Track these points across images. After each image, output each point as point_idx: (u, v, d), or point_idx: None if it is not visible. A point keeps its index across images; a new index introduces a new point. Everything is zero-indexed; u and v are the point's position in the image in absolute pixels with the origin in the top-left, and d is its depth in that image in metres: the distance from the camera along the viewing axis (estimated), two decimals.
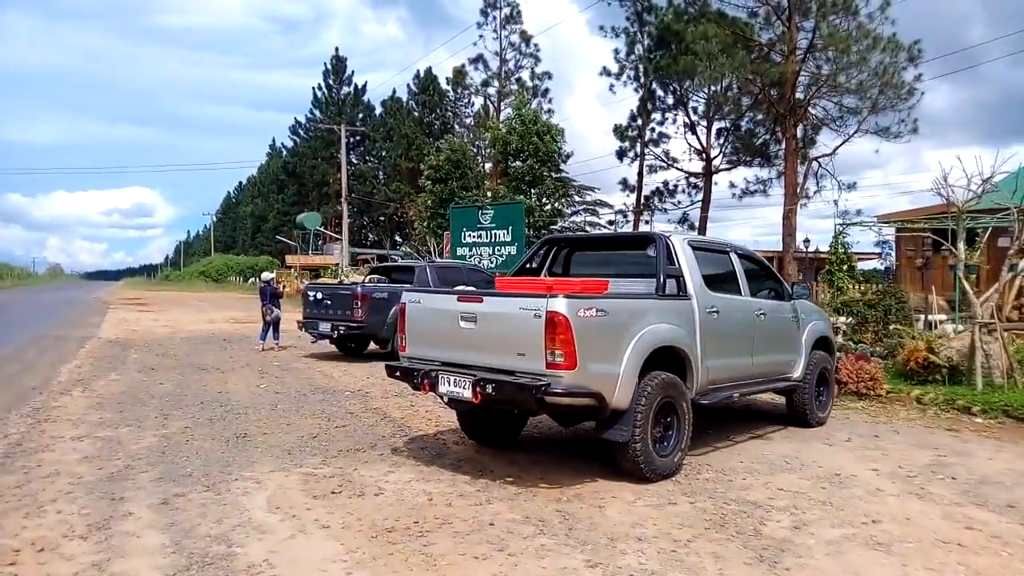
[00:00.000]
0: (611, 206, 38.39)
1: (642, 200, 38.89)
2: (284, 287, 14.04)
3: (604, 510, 4.53)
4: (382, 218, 71.95)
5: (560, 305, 4.53)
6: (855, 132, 25.56)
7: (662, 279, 5.46)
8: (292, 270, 48.20)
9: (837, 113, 26.62)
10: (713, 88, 28.21)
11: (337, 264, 52.66)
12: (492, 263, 19.30)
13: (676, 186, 36.94)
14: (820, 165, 26.34)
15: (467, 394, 4.86)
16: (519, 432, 6.32)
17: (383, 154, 69.27)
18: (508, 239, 19.58)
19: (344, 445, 6.17)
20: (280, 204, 78.77)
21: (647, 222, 39.42)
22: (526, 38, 42.55)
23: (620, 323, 4.89)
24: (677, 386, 5.25)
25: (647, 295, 5.45)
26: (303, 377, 10.33)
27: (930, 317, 12.39)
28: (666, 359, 5.22)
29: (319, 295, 12.38)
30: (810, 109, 26.28)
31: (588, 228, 40.64)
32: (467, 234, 20.61)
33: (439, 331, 5.26)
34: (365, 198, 66.88)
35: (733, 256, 6.41)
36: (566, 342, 4.51)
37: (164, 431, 6.64)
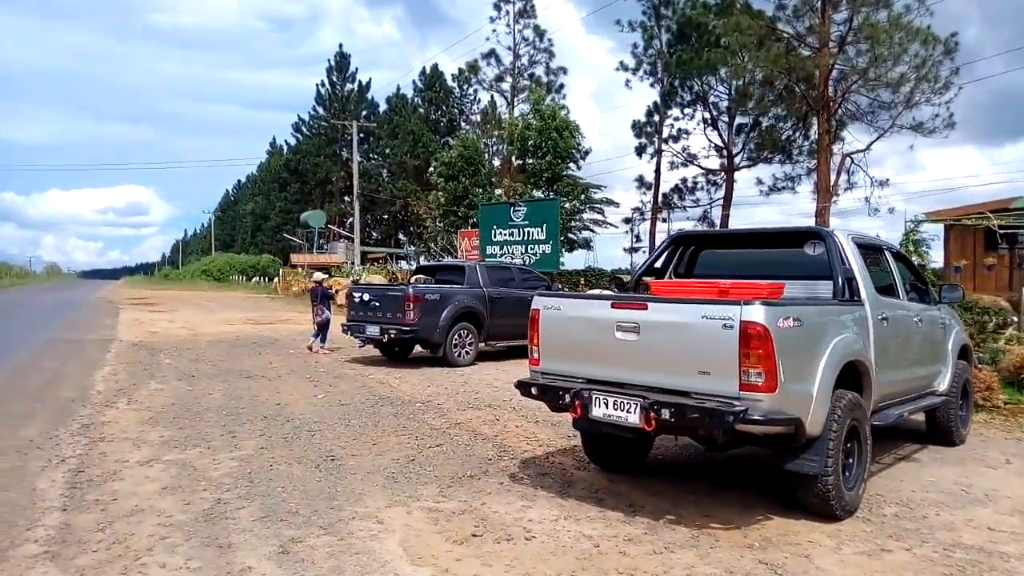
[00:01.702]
0: (617, 204, 37.61)
1: (660, 197, 38.19)
2: (334, 289, 13.27)
3: (812, 559, 3.79)
4: (386, 216, 71.14)
5: (758, 314, 3.79)
6: (890, 127, 24.88)
7: (840, 282, 4.71)
8: (301, 269, 47.33)
9: (868, 108, 25.99)
10: (739, 82, 27.46)
11: (344, 263, 51.94)
12: (525, 262, 18.56)
13: (696, 183, 36.24)
14: (852, 161, 25.64)
15: (634, 419, 4.11)
16: (646, 455, 5.58)
17: (387, 151, 68.42)
18: (542, 237, 18.85)
19: (451, 471, 5.42)
20: (282, 202, 77.87)
21: (664, 220, 38.75)
22: (539, 32, 41.78)
23: (814, 335, 4.15)
24: (860, 407, 4.51)
25: (829, 301, 4.70)
26: (359, 385, 9.57)
27: (1013, 319, 11.70)
28: (845, 376, 4.48)
29: (365, 296, 11.59)
30: (839, 103, 25.59)
31: (592, 227, 39.94)
32: (497, 232, 19.86)
33: (586, 343, 4.50)
34: (370, 196, 66.02)
35: (888, 255, 5.67)
36: (766, 358, 3.76)
37: (239, 453, 5.87)
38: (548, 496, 4.81)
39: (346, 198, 72.97)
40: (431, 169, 60.16)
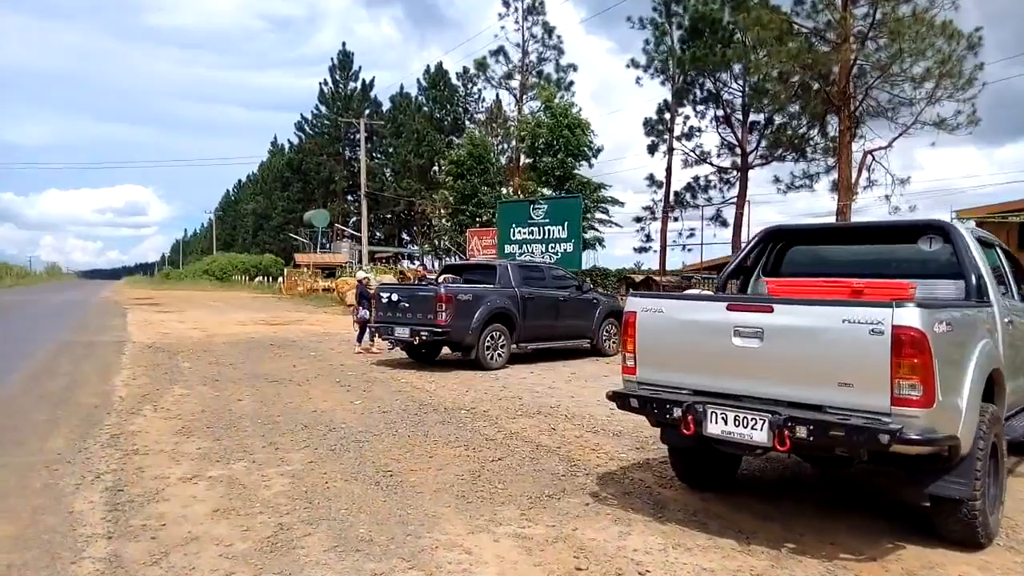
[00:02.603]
0: (622, 204, 36.99)
1: (671, 196, 37.69)
2: (372, 289, 12.88)
3: None
4: (389, 215, 70.59)
5: (914, 317, 3.31)
6: (912, 124, 24.39)
7: (972, 281, 4.23)
8: (306, 269, 46.83)
9: (888, 104, 25.50)
10: (757, 78, 26.96)
11: (347, 262, 51.45)
12: (545, 262, 18.07)
13: (709, 182, 35.74)
14: (874, 158, 25.15)
15: (761, 437, 3.63)
16: (735, 472, 5.09)
17: (391, 151, 67.88)
18: (563, 235, 18.36)
19: (525, 489, 4.93)
20: (285, 201, 77.38)
21: (676, 219, 38.24)
22: (548, 29, 41.25)
23: (964, 341, 3.69)
24: (999, 421, 4.03)
25: (969, 304, 4.21)
26: (393, 390, 9.08)
27: None
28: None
29: (394, 296, 11.09)
30: (861, 99, 25.10)
31: (596, 226, 39.32)
32: (517, 230, 19.38)
33: (695, 350, 4.02)
34: (374, 195, 65.39)
35: (999, 252, 5.19)
36: (923, 368, 3.29)
37: (288, 468, 5.39)
38: (644, 520, 4.33)
39: (349, 197, 72.54)
40: (439, 167, 59.89)
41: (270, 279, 62.21)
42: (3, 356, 12.34)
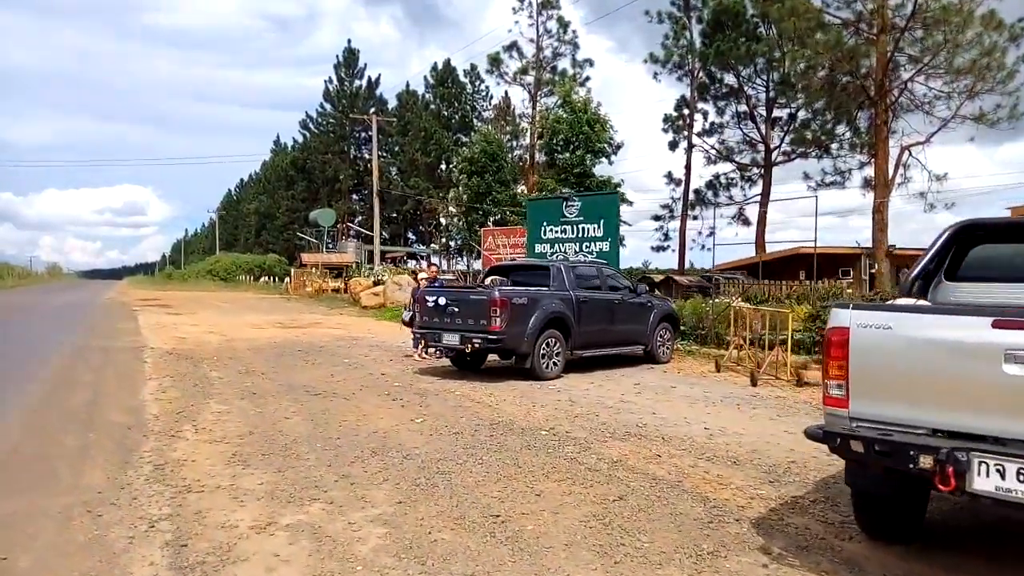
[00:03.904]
0: (631, 202, 36.09)
1: (690, 194, 36.85)
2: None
3: None
4: (395, 214, 69.64)
5: None
6: (951, 118, 23.54)
7: None
8: (315, 269, 45.95)
9: (925, 98, 24.64)
10: (790, 70, 26.09)
11: (355, 262, 50.55)
12: (598, 261, 17.11)
13: (731, 179, 34.88)
14: (910, 154, 24.28)
15: None
16: (922, 519, 4.21)
17: (397, 149, 66.94)
18: (599, 234, 17.43)
19: (673, 541, 4.05)
20: (289, 201, 76.49)
21: (695, 217, 37.41)
22: (564, 24, 40.29)
23: None
24: None
25: None
26: (451, 404, 8.21)
27: None
28: None
29: (441, 300, 10.21)
30: (899, 93, 24.23)
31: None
32: (548, 229, 18.45)
33: (943, 379, 3.14)
34: (380, 193, 64.56)
35: None
36: None
37: (374, 511, 4.51)
38: None
39: (354, 196, 71.64)
40: (447, 166, 58.96)
41: (275, 279, 61.36)
42: (18, 363, 11.48)
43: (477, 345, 9.69)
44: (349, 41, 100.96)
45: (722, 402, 8.69)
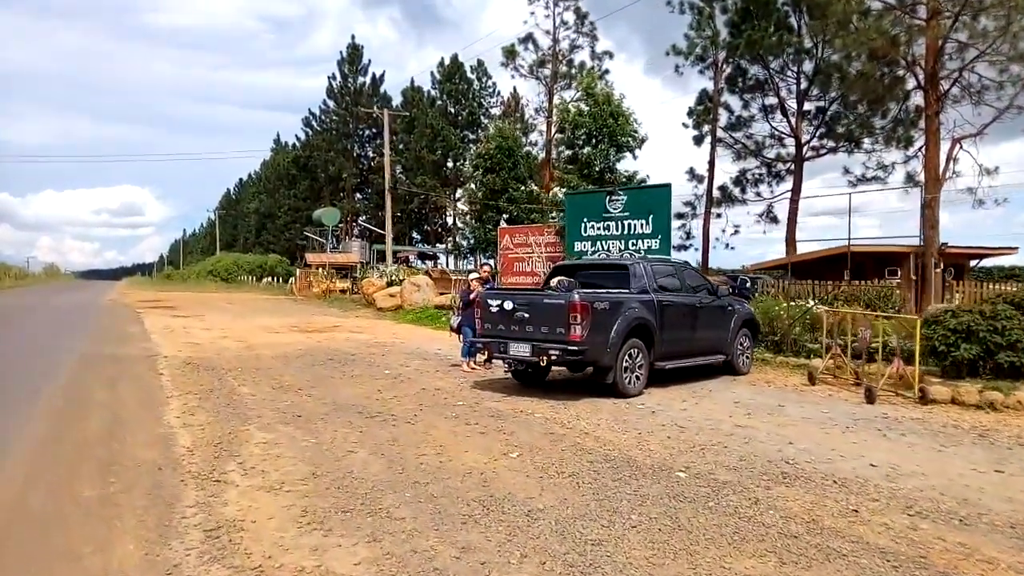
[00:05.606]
0: None
1: (714, 190, 35.48)
2: (472, 292, 10.66)
3: None
4: (400, 213, 68.17)
5: None
6: (1007, 108, 22.19)
7: None
8: (320, 270, 44.55)
9: (977, 88, 23.30)
10: (839, 56, 24.74)
11: (360, 262, 49.17)
12: (678, 259, 15.76)
13: (759, 175, 33.48)
14: (961, 147, 22.92)
15: None
16: None
17: (402, 147, 65.44)
18: (647, 230, 16.08)
19: None
20: (291, 200, 75.08)
21: (719, 215, 36.05)
22: (581, 16, 38.96)
23: None
24: None
25: None
26: (540, 432, 6.83)
27: None
28: None
29: (507, 304, 8.82)
30: (952, 82, 22.88)
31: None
32: (590, 225, 17.11)
33: None
34: (391, 190, 63.14)
35: None
36: None
37: None
38: None
39: (358, 195, 70.22)
40: (454, 163, 57.61)
41: (278, 280, 59.93)
42: (20, 375, 10.12)
43: (554, 357, 8.31)
44: (353, 37, 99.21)
45: (857, 426, 7.33)
